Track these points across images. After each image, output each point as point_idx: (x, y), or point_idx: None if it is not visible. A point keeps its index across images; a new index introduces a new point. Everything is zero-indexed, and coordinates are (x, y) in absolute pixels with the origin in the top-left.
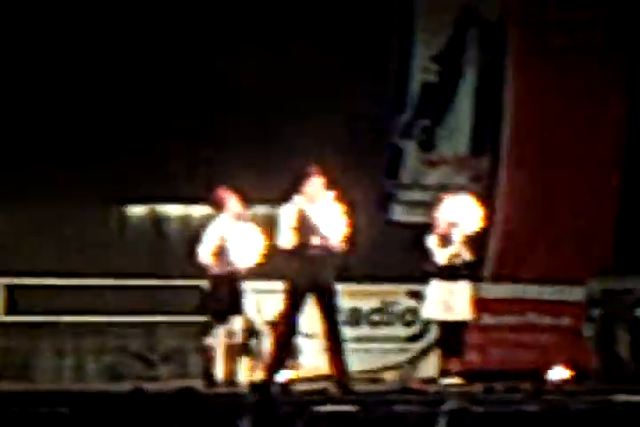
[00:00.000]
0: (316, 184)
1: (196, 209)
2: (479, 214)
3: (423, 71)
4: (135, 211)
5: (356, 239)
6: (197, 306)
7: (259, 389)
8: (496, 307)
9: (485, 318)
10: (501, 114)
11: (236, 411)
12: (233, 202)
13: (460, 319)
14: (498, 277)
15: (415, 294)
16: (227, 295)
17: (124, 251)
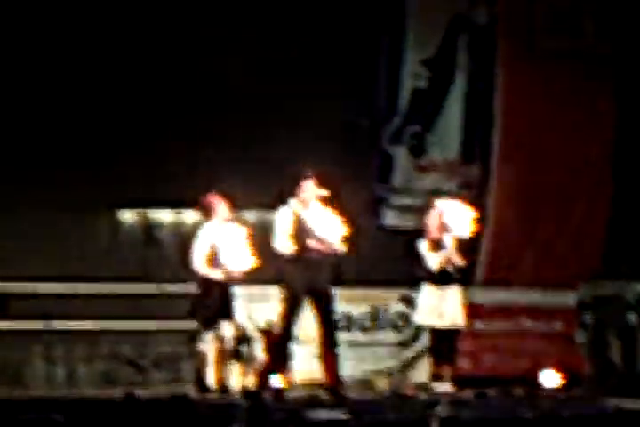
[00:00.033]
0: (310, 188)
1: (188, 215)
2: (471, 219)
3: (413, 77)
4: (126, 217)
5: (347, 244)
6: (188, 312)
7: (251, 395)
8: (488, 313)
9: (477, 324)
10: (492, 120)
11: (228, 417)
12: (222, 207)
13: (452, 326)
14: (489, 282)
15: (407, 300)
16: (217, 301)
17: (115, 257)
